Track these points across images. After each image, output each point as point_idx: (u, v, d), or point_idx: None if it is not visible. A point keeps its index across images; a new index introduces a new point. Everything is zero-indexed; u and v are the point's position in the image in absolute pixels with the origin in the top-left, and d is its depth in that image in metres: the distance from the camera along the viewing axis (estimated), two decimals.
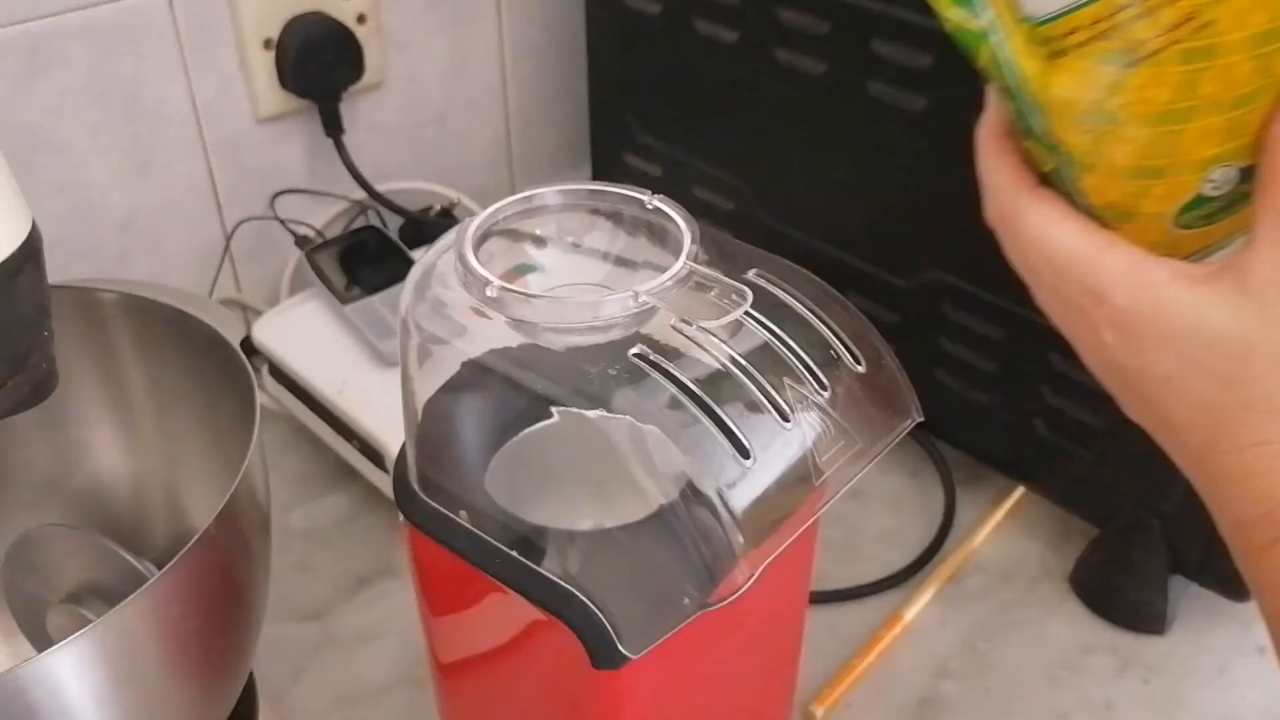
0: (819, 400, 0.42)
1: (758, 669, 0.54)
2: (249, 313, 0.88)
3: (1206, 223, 0.41)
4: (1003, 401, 0.72)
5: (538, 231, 0.47)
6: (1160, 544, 0.67)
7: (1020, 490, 0.77)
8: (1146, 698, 0.65)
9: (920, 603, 0.70)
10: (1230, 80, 0.37)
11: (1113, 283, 0.39)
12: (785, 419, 0.40)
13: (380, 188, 0.89)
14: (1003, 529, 0.76)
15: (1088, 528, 0.72)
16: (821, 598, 0.71)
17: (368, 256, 0.84)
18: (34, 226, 0.42)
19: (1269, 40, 0.36)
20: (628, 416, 0.40)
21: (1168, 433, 0.41)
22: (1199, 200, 0.40)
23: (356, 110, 0.88)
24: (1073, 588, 0.71)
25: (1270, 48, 0.36)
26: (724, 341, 0.41)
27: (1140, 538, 0.67)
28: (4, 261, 0.40)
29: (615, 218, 0.47)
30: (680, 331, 0.41)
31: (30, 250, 0.41)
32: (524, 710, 0.51)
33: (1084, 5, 0.37)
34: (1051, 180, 0.42)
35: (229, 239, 0.86)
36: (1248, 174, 0.39)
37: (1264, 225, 0.37)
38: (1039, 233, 0.40)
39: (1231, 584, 0.66)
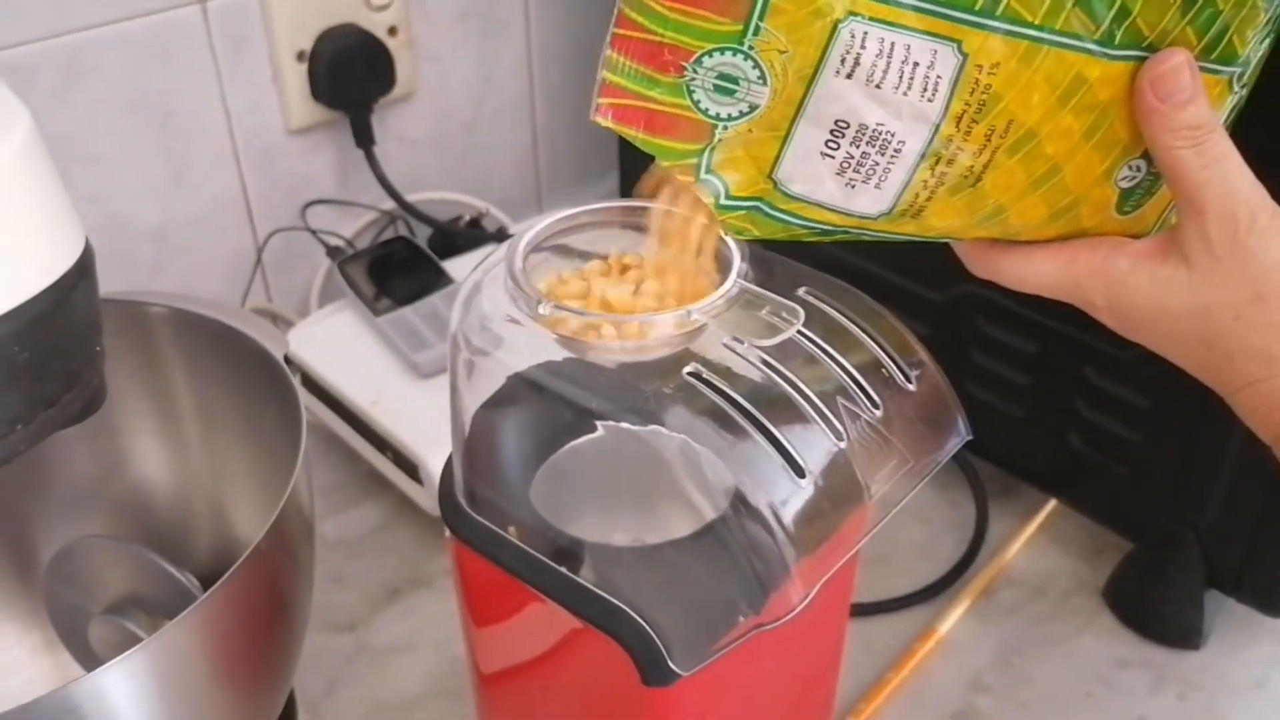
0: (871, 418, 0.42)
1: (799, 684, 0.54)
2: (280, 323, 0.89)
3: (1150, 196, 0.44)
4: (1036, 415, 0.72)
5: (586, 247, 0.47)
6: (1196, 558, 0.67)
7: (1052, 503, 0.77)
8: (1182, 713, 0.65)
9: (953, 616, 0.70)
10: (1064, 133, 0.39)
11: (1089, 287, 0.43)
12: (839, 438, 0.40)
13: (410, 198, 0.89)
14: (1034, 542, 0.75)
15: (1119, 541, 0.72)
16: (854, 611, 0.70)
17: (400, 267, 0.84)
18: (87, 243, 0.42)
19: (1069, 96, 0.39)
20: (681, 435, 0.40)
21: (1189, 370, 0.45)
22: (1127, 193, 0.43)
23: (387, 121, 0.88)
24: (1107, 602, 0.71)
25: (1076, 98, 0.39)
26: (776, 360, 0.41)
27: (1176, 552, 0.67)
28: (60, 279, 0.40)
29: None
30: (732, 349, 0.41)
31: (84, 266, 0.42)
32: None
33: (908, 185, 0.40)
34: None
35: (261, 249, 0.86)
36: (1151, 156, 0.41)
37: (1181, 208, 0.41)
38: (1018, 276, 0.45)
39: (1268, 598, 0.66)
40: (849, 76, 0.38)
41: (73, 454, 0.60)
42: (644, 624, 0.41)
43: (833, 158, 0.39)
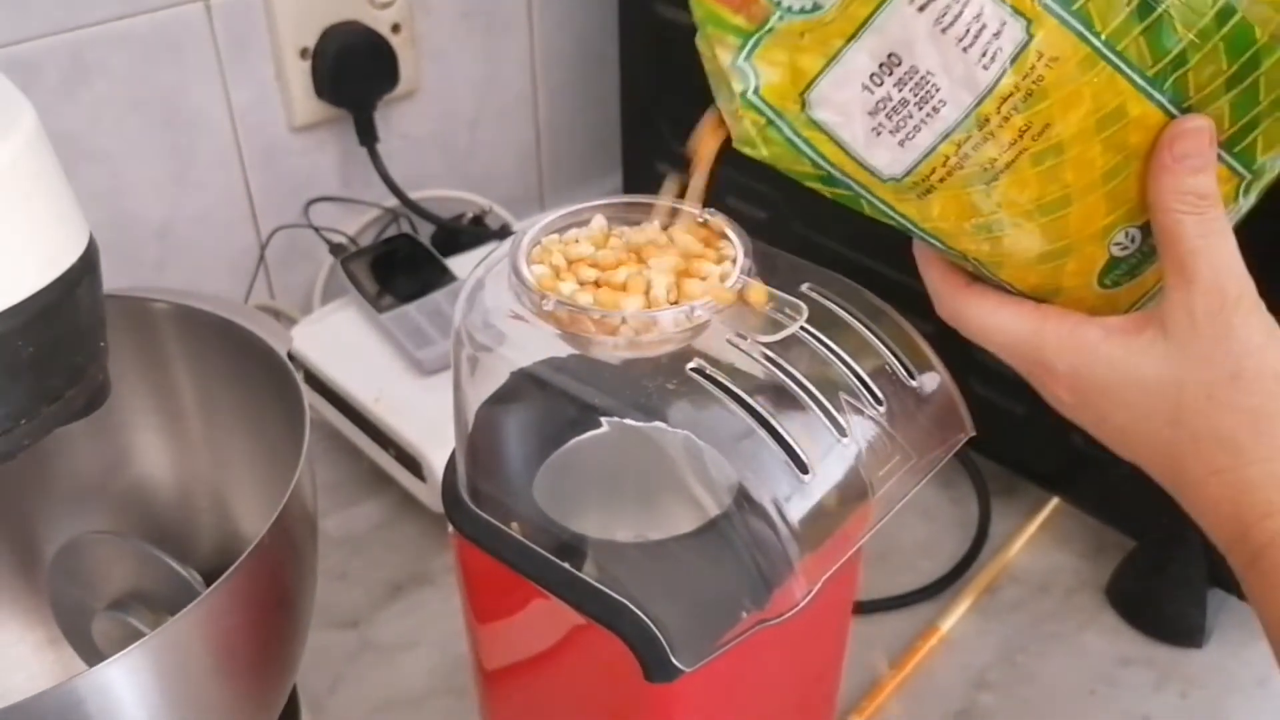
0: (874, 415, 0.42)
1: (802, 681, 0.54)
2: (283, 319, 0.89)
3: (1131, 278, 0.43)
4: (1039, 412, 0.71)
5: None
6: (1199, 557, 0.66)
7: (1054, 501, 0.76)
8: (1185, 711, 0.65)
9: (956, 614, 0.70)
10: (1088, 164, 0.39)
11: (1053, 353, 0.42)
12: (842, 434, 0.40)
13: (412, 195, 0.90)
14: (1037, 540, 0.75)
15: (1122, 539, 0.72)
16: (857, 608, 0.70)
17: (402, 264, 0.84)
18: (91, 238, 0.42)
19: (1106, 125, 0.39)
20: (685, 431, 0.40)
21: (1147, 469, 0.44)
22: (1114, 262, 0.42)
23: (390, 119, 0.88)
24: (1109, 600, 0.71)
25: (1111, 130, 0.39)
26: (779, 356, 0.41)
27: (1179, 550, 0.67)
28: (64, 274, 0.40)
29: None
30: (735, 346, 0.41)
31: (89, 262, 0.42)
32: (570, 718, 0.51)
33: (930, 154, 0.40)
34: (981, 274, 0.45)
35: (264, 246, 0.86)
36: (1149, 229, 0.41)
37: (1169, 276, 0.40)
38: (981, 324, 0.44)
39: None
40: (921, 9, 0.37)
41: (76, 449, 0.60)
42: (647, 620, 0.41)
43: (871, 94, 0.39)
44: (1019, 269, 0.43)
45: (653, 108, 0.88)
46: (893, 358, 0.44)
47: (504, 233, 0.93)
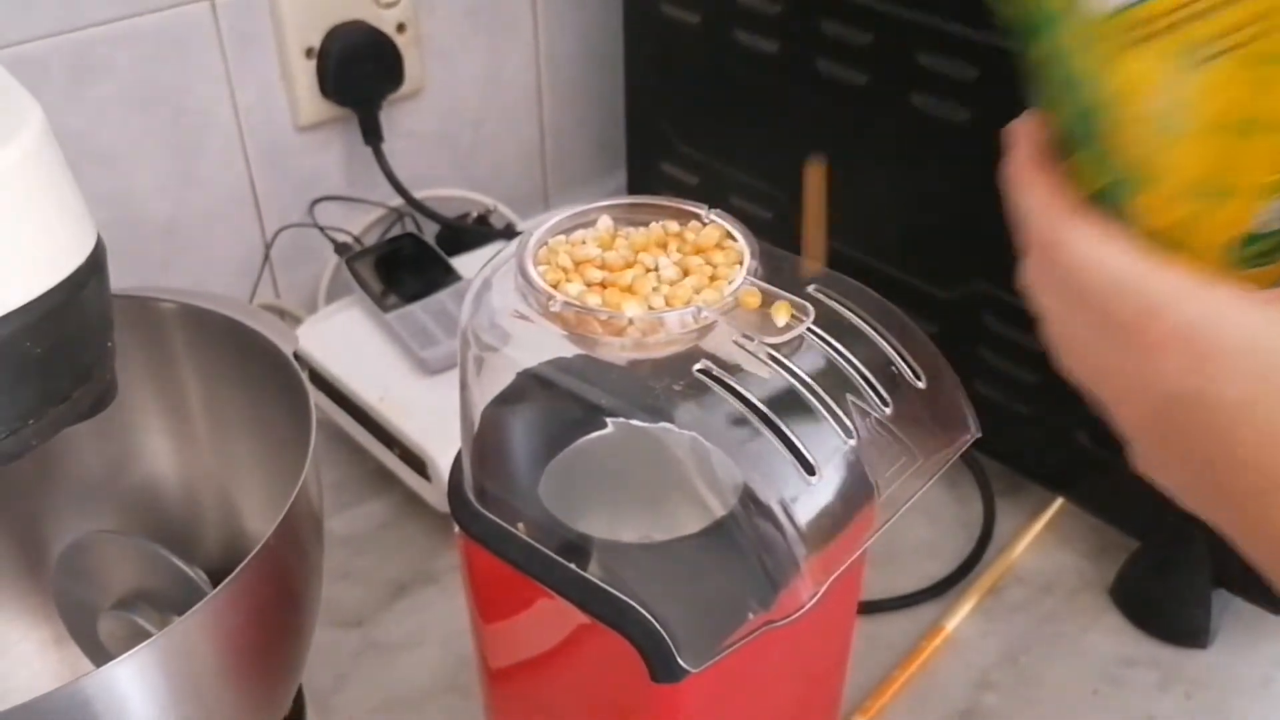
0: (881, 416, 0.42)
1: (807, 681, 0.54)
2: (287, 319, 0.89)
3: (1261, 264, 0.39)
4: (1044, 413, 0.72)
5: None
6: (1204, 557, 0.66)
7: (1059, 502, 0.76)
8: (1189, 712, 0.65)
9: (960, 614, 0.70)
10: None
11: (1171, 297, 0.35)
12: (849, 435, 0.40)
13: (417, 195, 0.90)
14: (1041, 540, 0.75)
15: (1125, 539, 0.72)
16: (862, 608, 0.70)
17: (407, 264, 0.84)
18: (99, 239, 0.42)
19: None
20: (691, 432, 0.40)
21: (1229, 473, 0.36)
22: (1254, 237, 0.38)
23: (395, 118, 0.88)
24: (1114, 600, 0.71)
25: None
26: (786, 357, 0.41)
27: (1183, 551, 0.67)
28: (72, 275, 0.40)
29: None
30: (742, 347, 0.41)
31: (96, 263, 0.42)
32: (575, 718, 0.51)
33: None
34: (1097, 203, 0.39)
35: (269, 246, 0.86)
36: None
37: None
38: (1084, 253, 0.37)
39: (1275, 598, 0.66)
40: None
41: (83, 449, 0.60)
42: (653, 620, 0.41)
43: None
44: (1160, 194, 0.37)
45: (657, 107, 0.88)
46: (899, 359, 0.44)
47: (509, 232, 0.93)
